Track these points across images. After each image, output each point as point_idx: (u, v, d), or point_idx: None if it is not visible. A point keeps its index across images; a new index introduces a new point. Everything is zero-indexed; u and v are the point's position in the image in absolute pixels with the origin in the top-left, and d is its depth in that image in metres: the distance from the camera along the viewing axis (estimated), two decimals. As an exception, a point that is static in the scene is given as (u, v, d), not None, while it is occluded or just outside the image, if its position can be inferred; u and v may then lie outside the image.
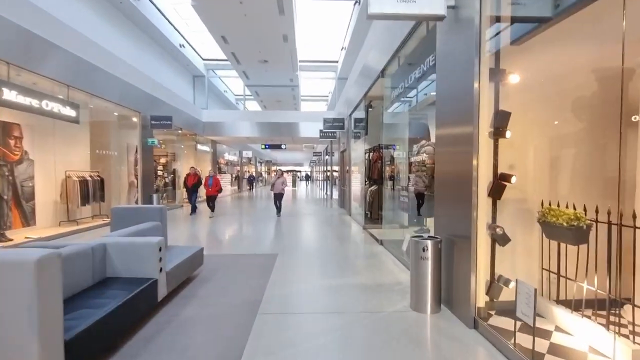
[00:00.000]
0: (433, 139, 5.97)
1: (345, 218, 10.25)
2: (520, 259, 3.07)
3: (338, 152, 14.52)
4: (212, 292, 3.68)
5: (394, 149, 7.90)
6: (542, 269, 2.99)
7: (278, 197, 10.53)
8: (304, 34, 13.89)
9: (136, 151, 10.45)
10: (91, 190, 8.40)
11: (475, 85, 2.84)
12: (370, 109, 8.85)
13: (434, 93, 6.63)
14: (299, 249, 5.98)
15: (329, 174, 19.51)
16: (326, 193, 19.12)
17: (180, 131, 13.98)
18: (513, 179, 2.83)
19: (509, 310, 3.01)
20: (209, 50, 16.94)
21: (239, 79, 17.80)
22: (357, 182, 10.41)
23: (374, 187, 8.58)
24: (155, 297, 3.02)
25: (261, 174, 38.27)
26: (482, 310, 2.89)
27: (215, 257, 5.27)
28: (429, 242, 3.15)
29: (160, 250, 3.11)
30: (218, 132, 16.12)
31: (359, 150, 10.07)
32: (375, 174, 8.50)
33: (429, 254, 3.15)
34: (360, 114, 9.60)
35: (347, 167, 11.61)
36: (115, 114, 9.64)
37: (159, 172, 14.58)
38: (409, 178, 6.03)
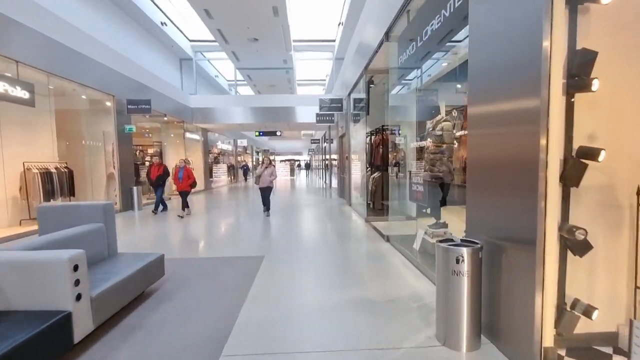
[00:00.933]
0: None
1: (345, 209, 9.30)
2: (600, 273, 2.11)
3: (337, 138, 13.47)
4: (166, 318, 2.74)
5: (397, 133, 6.91)
6: (636, 287, 2.03)
7: (266, 192, 8.15)
8: (298, 9, 12.64)
9: (114, 140, 9.39)
10: (57, 184, 7.41)
11: (545, 21, 1.82)
12: (371, 86, 7.79)
13: (446, 64, 5.62)
14: (289, 248, 5.03)
15: (327, 162, 18.49)
16: (325, 182, 18.16)
17: (165, 118, 12.89)
18: (601, 155, 1.85)
19: (583, 349, 2.09)
20: (195, 31, 15.68)
21: (231, 63, 16.57)
22: (357, 170, 9.42)
23: (376, 175, 7.62)
24: (69, 337, 2.07)
25: (258, 162, 37.19)
26: (550, 352, 1.94)
27: (185, 262, 4.33)
28: (465, 251, 2.19)
29: (76, 269, 2.14)
30: (208, 119, 14.99)
31: (359, 134, 9.04)
32: (378, 160, 7.53)
33: (465, 266, 2.19)
34: (359, 94, 8.54)
35: (347, 154, 10.60)
36: (84, 97, 8.54)
37: (146, 162, 13.55)
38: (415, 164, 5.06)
